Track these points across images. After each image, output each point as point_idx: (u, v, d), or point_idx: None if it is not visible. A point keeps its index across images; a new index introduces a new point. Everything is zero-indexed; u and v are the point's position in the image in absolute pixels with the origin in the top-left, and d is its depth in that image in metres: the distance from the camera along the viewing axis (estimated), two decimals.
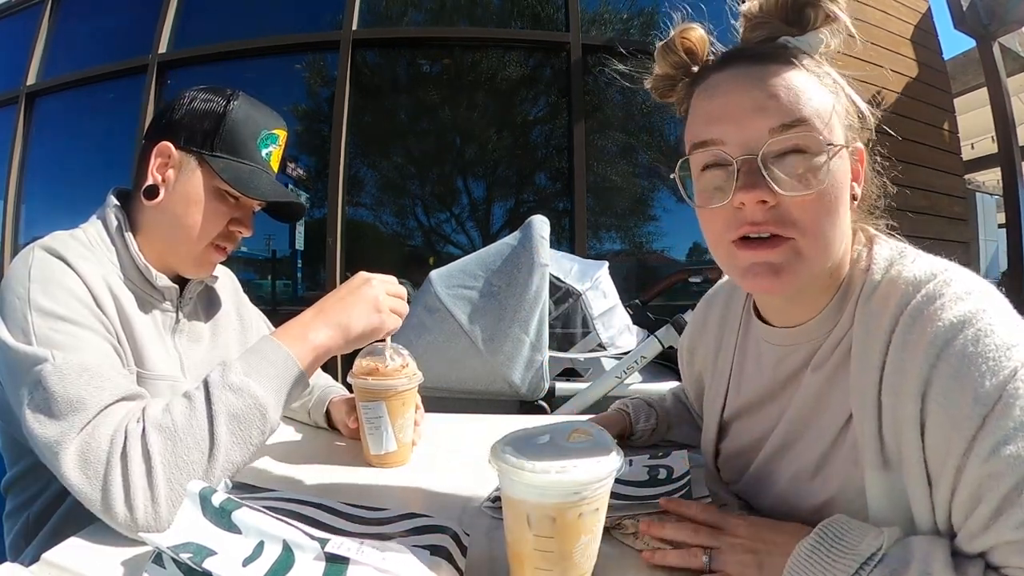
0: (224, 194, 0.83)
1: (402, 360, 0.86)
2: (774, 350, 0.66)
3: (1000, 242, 8.74)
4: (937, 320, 0.48)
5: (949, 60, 4.12)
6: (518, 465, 0.48)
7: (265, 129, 0.85)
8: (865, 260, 0.59)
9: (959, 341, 0.47)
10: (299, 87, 3.85)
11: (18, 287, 0.68)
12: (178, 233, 0.82)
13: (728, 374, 0.76)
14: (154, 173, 0.81)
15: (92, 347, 0.66)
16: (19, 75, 4.40)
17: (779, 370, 0.66)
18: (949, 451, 0.46)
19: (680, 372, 0.95)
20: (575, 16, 3.58)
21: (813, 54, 0.58)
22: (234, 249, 0.88)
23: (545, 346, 1.81)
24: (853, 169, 0.58)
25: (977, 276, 0.53)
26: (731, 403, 0.75)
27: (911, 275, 0.53)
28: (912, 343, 0.49)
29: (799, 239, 0.54)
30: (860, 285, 0.57)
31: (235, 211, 0.84)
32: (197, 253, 0.84)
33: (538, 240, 1.80)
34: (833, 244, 0.56)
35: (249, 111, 0.84)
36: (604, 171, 3.62)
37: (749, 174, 0.54)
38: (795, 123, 0.53)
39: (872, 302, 0.55)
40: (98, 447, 0.59)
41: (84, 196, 4.07)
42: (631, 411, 0.91)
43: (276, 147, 0.87)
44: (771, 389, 0.67)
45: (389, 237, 3.79)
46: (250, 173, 0.82)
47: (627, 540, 0.62)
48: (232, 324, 1.01)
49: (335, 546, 0.50)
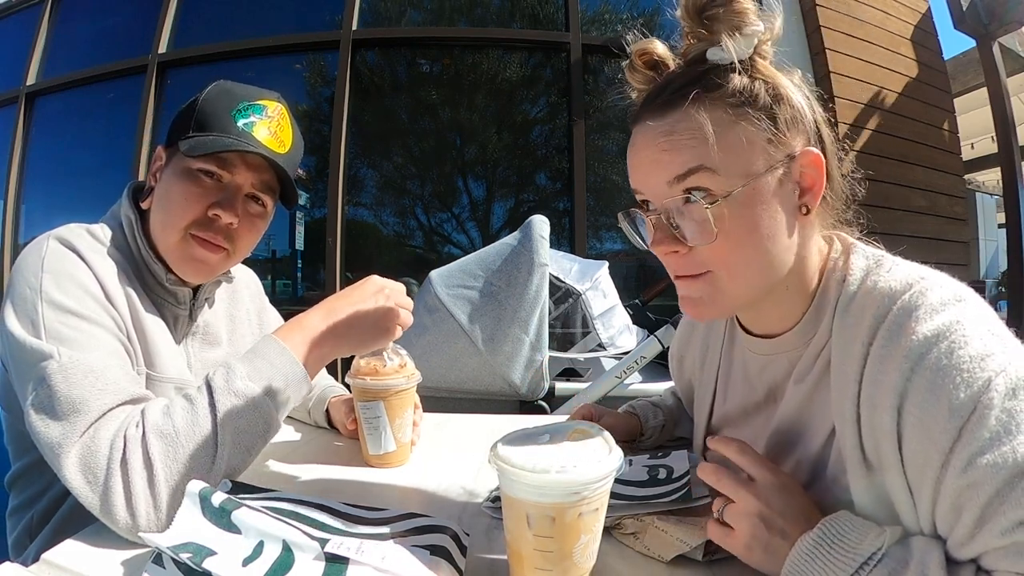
0: (196, 174, 0.76)
1: (400, 360, 0.86)
2: (757, 359, 0.67)
3: (1000, 242, 8.75)
4: (912, 334, 0.48)
5: (949, 60, 4.12)
6: (518, 465, 0.48)
7: (244, 100, 0.78)
8: (841, 270, 0.59)
9: (933, 355, 0.47)
10: (299, 87, 3.85)
11: (31, 277, 0.67)
12: (158, 225, 0.78)
13: (714, 382, 0.76)
14: (151, 179, 0.81)
15: (100, 345, 0.65)
16: (19, 75, 4.40)
17: (763, 379, 0.66)
18: (927, 463, 0.46)
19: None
20: (575, 16, 3.58)
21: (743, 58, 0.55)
22: (230, 247, 0.80)
23: (545, 346, 1.81)
24: (805, 178, 0.56)
25: (956, 282, 0.52)
26: (718, 410, 0.76)
27: (886, 286, 0.53)
28: (888, 357, 0.49)
29: (715, 273, 0.57)
30: (836, 296, 0.57)
31: (214, 194, 0.77)
32: (175, 243, 0.77)
33: (538, 240, 1.80)
34: (758, 272, 0.57)
35: (226, 89, 0.79)
36: (604, 171, 3.62)
37: (658, 228, 0.58)
38: (688, 173, 0.54)
39: (849, 314, 0.55)
40: (98, 452, 0.58)
41: (84, 196, 4.07)
42: (639, 412, 0.91)
43: (262, 117, 0.78)
44: (756, 399, 0.68)
45: (389, 237, 3.78)
46: (213, 140, 0.75)
47: (627, 540, 0.62)
48: (252, 328, 0.99)
49: (335, 546, 0.50)
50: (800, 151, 0.56)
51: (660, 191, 0.56)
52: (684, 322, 0.89)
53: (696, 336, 0.83)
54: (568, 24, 3.59)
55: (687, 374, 0.87)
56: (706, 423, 0.78)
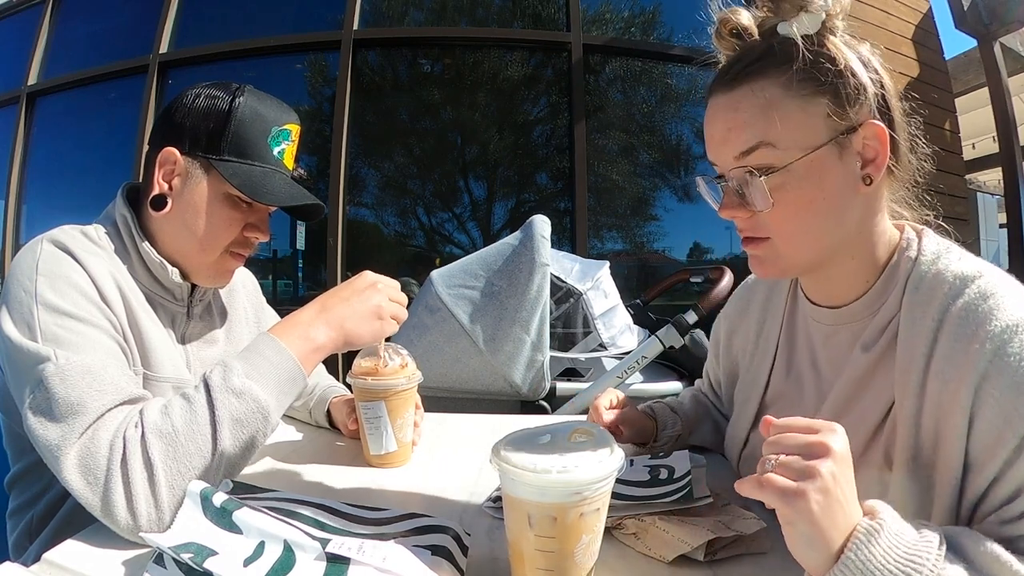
0: (236, 200, 0.78)
1: (401, 360, 0.86)
2: (821, 329, 0.70)
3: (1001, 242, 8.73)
4: (993, 319, 0.51)
5: (950, 60, 4.11)
6: (519, 465, 0.48)
7: (275, 125, 0.79)
8: (914, 250, 0.62)
9: (1015, 344, 0.50)
10: (300, 87, 3.85)
11: (25, 280, 0.67)
12: (190, 243, 0.79)
13: (773, 353, 0.77)
14: (160, 182, 0.77)
15: (97, 346, 0.65)
16: (20, 75, 4.40)
17: (826, 349, 0.69)
18: (999, 443, 0.49)
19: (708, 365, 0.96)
20: (576, 16, 3.58)
21: (813, 33, 0.58)
22: (252, 253, 0.84)
23: (546, 346, 1.81)
24: (868, 150, 0.59)
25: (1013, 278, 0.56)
26: (774, 384, 0.77)
27: (958, 270, 0.57)
28: (966, 336, 0.52)
29: (775, 240, 0.63)
30: (907, 273, 0.61)
31: (249, 216, 0.80)
32: (211, 262, 0.80)
33: (539, 240, 1.80)
34: (816, 238, 0.61)
35: (256, 107, 0.78)
36: (605, 171, 3.61)
37: (727, 194, 0.64)
38: (750, 149, 0.59)
39: (919, 291, 0.58)
40: (98, 453, 0.58)
41: (85, 196, 4.08)
42: (658, 417, 0.90)
43: (289, 143, 0.81)
44: (816, 370, 0.70)
45: (390, 237, 3.78)
46: (263, 176, 0.77)
47: (628, 540, 0.62)
48: (249, 327, 0.99)
49: (336, 546, 0.50)
50: (863, 123, 0.58)
51: (727, 164, 0.62)
52: (736, 298, 0.89)
53: (752, 310, 0.83)
54: (569, 24, 3.58)
55: (736, 351, 0.86)
56: (760, 398, 0.78)
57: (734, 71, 0.61)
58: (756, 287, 0.85)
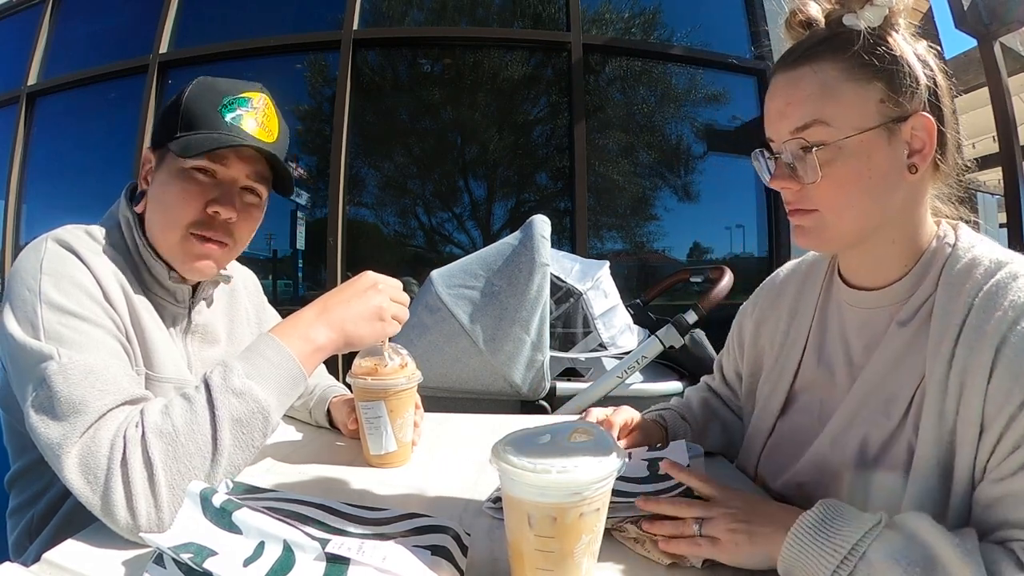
0: (191, 173, 0.76)
1: (401, 360, 0.86)
2: (857, 313, 0.72)
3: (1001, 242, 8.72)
4: (1020, 292, 0.56)
5: (950, 59, 4.11)
6: (519, 465, 0.48)
7: (228, 95, 0.78)
8: (951, 238, 0.66)
9: None
10: (300, 87, 3.84)
11: (29, 279, 0.67)
12: (157, 226, 0.78)
13: (805, 340, 0.79)
14: (141, 182, 0.81)
15: (100, 346, 0.65)
16: (20, 75, 4.39)
17: (862, 333, 0.71)
18: (1008, 399, 0.54)
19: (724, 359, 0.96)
20: (576, 16, 3.57)
21: (874, 26, 0.62)
22: (230, 241, 0.81)
23: (546, 346, 1.81)
24: (915, 140, 0.63)
25: None
26: (804, 371, 0.78)
27: (993, 255, 0.62)
28: (993, 307, 0.57)
29: (821, 212, 0.66)
30: (944, 258, 0.65)
31: (211, 191, 0.78)
32: (175, 243, 0.78)
33: (539, 240, 1.80)
34: (859, 215, 0.65)
35: (208, 85, 0.78)
36: (605, 170, 3.61)
37: (778, 166, 0.68)
38: (807, 125, 0.63)
39: (956, 272, 0.62)
40: (98, 453, 0.58)
41: (85, 196, 4.07)
42: (669, 427, 0.91)
43: (248, 109, 0.79)
44: (848, 356, 0.72)
45: (390, 237, 3.78)
46: (205, 138, 0.75)
47: (628, 543, 0.62)
48: (251, 327, 0.99)
49: (336, 546, 0.50)
50: (913, 113, 0.62)
51: (782, 137, 0.66)
52: (767, 289, 0.90)
53: (783, 303, 0.84)
54: (569, 24, 3.58)
55: (762, 343, 0.87)
56: (789, 386, 0.80)
57: (797, 52, 0.66)
58: (787, 281, 0.86)
